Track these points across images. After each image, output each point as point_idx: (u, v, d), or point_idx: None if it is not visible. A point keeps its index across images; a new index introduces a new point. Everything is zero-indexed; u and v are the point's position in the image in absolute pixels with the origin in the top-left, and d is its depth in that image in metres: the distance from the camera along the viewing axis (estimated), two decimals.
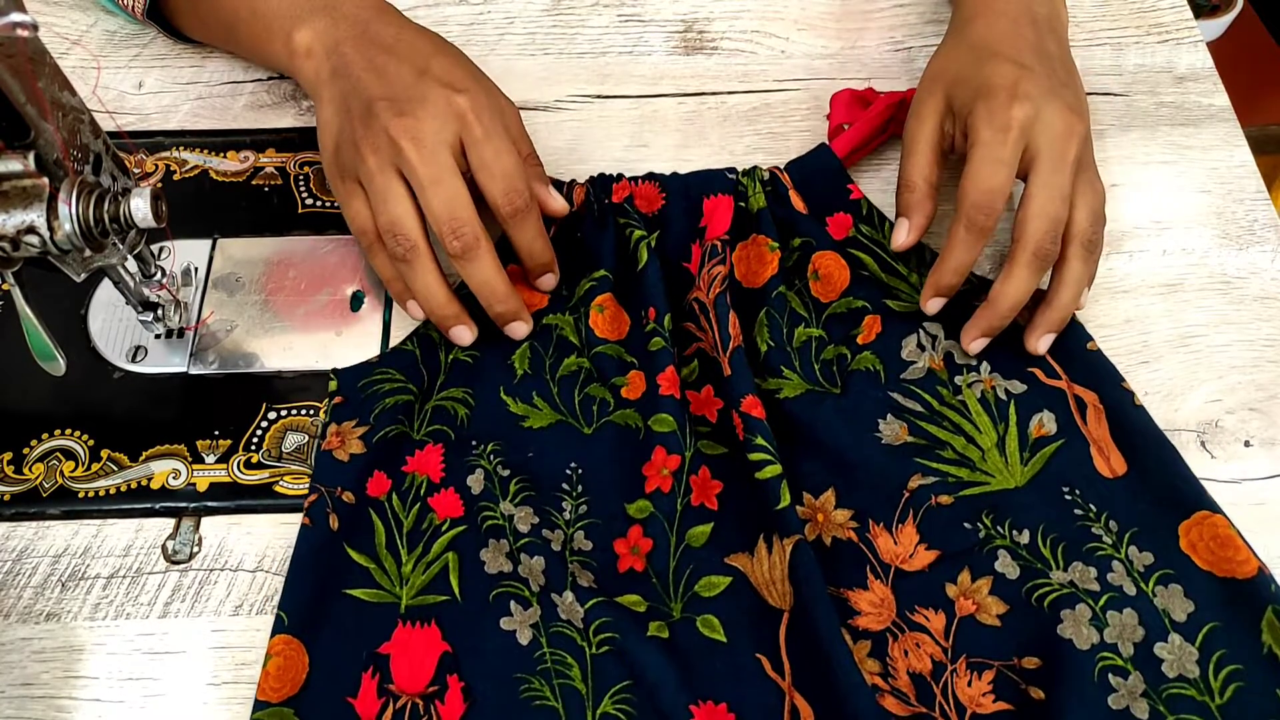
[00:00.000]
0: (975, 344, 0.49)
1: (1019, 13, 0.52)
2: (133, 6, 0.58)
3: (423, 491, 0.47)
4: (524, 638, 0.43)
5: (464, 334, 0.49)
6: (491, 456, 0.48)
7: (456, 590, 0.44)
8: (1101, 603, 0.44)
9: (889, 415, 0.49)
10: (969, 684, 0.42)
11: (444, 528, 0.46)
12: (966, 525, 0.46)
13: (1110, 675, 0.42)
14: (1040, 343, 0.49)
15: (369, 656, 0.43)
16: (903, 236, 0.50)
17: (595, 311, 0.50)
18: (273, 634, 0.43)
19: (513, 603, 0.44)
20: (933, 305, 0.49)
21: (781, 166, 0.55)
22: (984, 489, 0.47)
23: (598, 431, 0.49)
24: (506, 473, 0.47)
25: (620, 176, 0.54)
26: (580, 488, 0.47)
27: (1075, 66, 0.53)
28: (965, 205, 0.47)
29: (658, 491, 0.47)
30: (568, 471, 0.48)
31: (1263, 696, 0.41)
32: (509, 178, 0.46)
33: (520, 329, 0.50)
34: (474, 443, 0.48)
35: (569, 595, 0.44)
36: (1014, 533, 0.45)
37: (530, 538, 0.45)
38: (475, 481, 0.47)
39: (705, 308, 0.50)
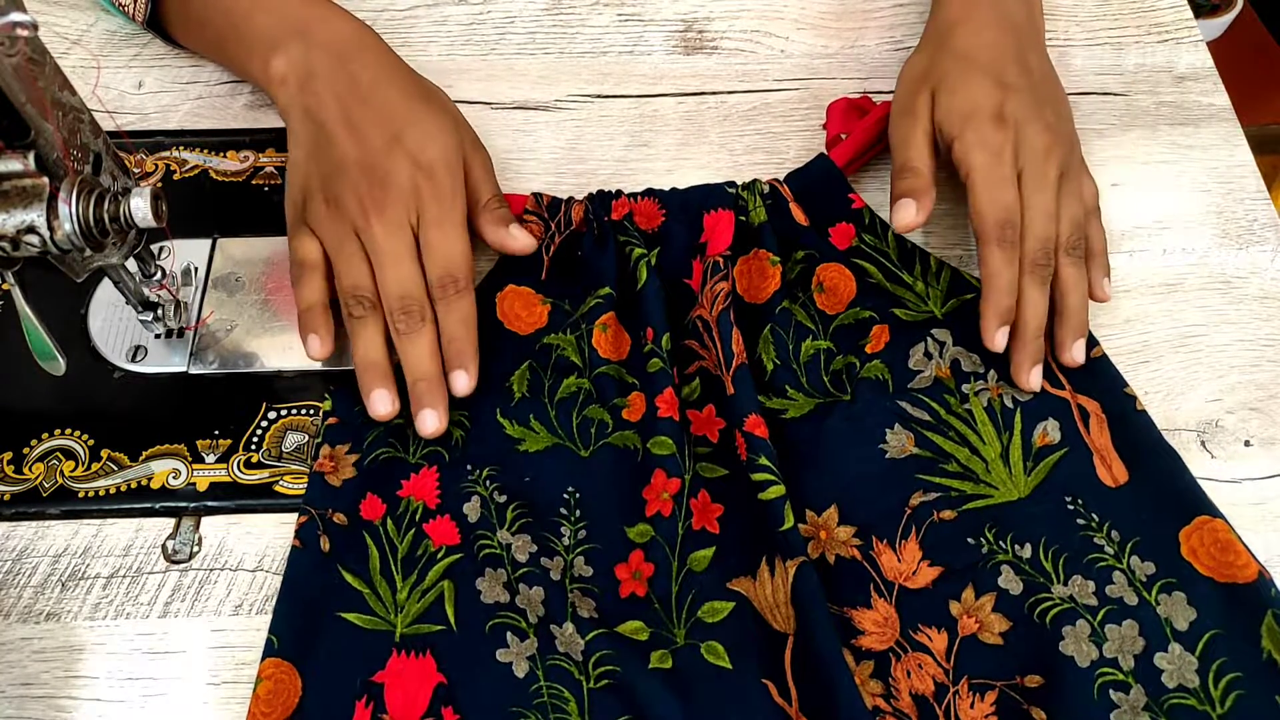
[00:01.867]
0: (1033, 377, 0.48)
1: (1001, 19, 0.52)
2: (133, 12, 0.58)
3: (418, 517, 0.46)
4: (520, 670, 0.43)
5: (384, 400, 0.47)
6: (488, 482, 0.47)
7: (452, 620, 0.44)
8: (1100, 617, 0.43)
9: (896, 425, 0.48)
10: (971, 705, 0.42)
11: (439, 555, 0.45)
12: (970, 540, 0.46)
13: (1111, 691, 0.42)
14: (1072, 353, 0.49)
15: (362, 684, 0.42)
16: (911, 215, 0.49)
17: (599, 330, 0.50)
18: (263, 657, 0.42)
19: (509, 634, 0.43)
20: (1000, 337, 0.48)
21: (781, 179, 0.54)
22: (987, 502, 0.46)
23: (595, 454, 0.48)
24: (503, 499, 0.47)
25: (620, 193, 0.54)
26: (578, 512, 0.47)
27: (1054, 74, 0.54)
28: (989, 227, 0.48)
29: (658, 516, 0.46)
30: (565, 496, 0.47)
31: (1263, 703, 0.41)
32: (449, 262, 0.47)
33: (430, 420, 0.47)
34: (469, 466, 0.47)
35: (569, 626, 0.44)
36: (1016, 547, 0.45)
37: (529, 567, 0.45)
38: (471, 509, 0.46)
39: (709, 325, 0.50)
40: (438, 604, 0.44)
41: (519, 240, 0.51)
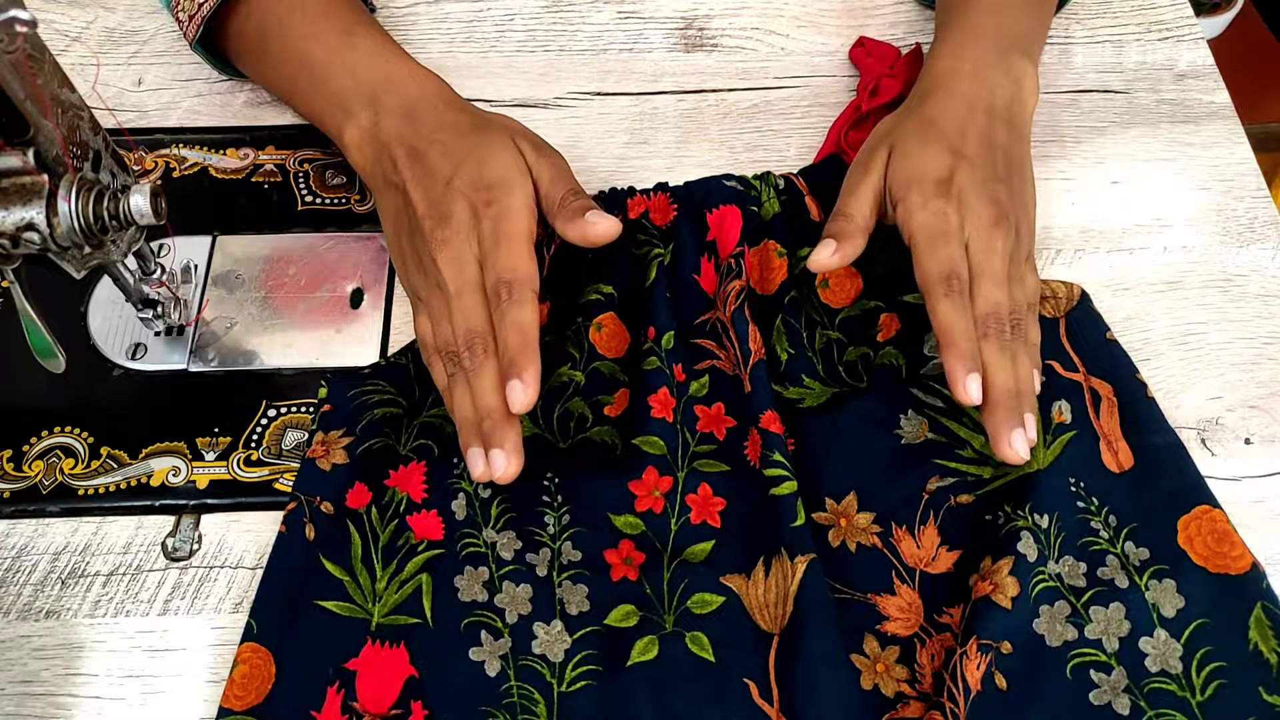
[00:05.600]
0: (1016, 444, 0.43)
1: (976, 97, 0.51)
2: (185, 29, 0.57)
3: (402, 509, 0.46)
4: (492, 669, 0.43)
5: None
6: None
7: (428, 614, 0.44)
8: (1086, 598, 0.44)
9: (910, 411, 0.49)
10: (978, 666, 0.42)
11: (420, 548, 0.45)
12: (987, 517, 0.46)
13: (1092, 671, 0.43)
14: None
15: (335, 671, 0.43)
16: (827, 254, 0.47)
17: (594, 329, 0.50)
18: (241, 641, 0.43)
19: (484, 633, 0.44)
20: (974, 384, 0.43)
21: (795, 173, 0.55)
22: (1006, 478, 0.47)
23: (572, 446, 0.49)
24: (488, 494, 0.47)
25: (633, 190, 0.54)
26: (560, 497, 0.47)
27: (1026, 156, 0.51)
28: (933, 280, 0.45)
29: (649, 512, 0.47)
30: (545, 483, 0.47)
31: (1244, 694, 0.42)
32: (502, 272, 0.45)
33: (499, 462, 0.43)
34: (456, 460, 0.47)
35: (557, 624, 0.44)
36: (1035, 516, 0.45)
37: (514, 565, 0.45)
38: (459, 507, 0.46)
39: (725, 327, 0.50)
40: (415, 597, 0.44)
41: (598, 226, 0.46)
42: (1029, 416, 0.44)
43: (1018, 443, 0.43)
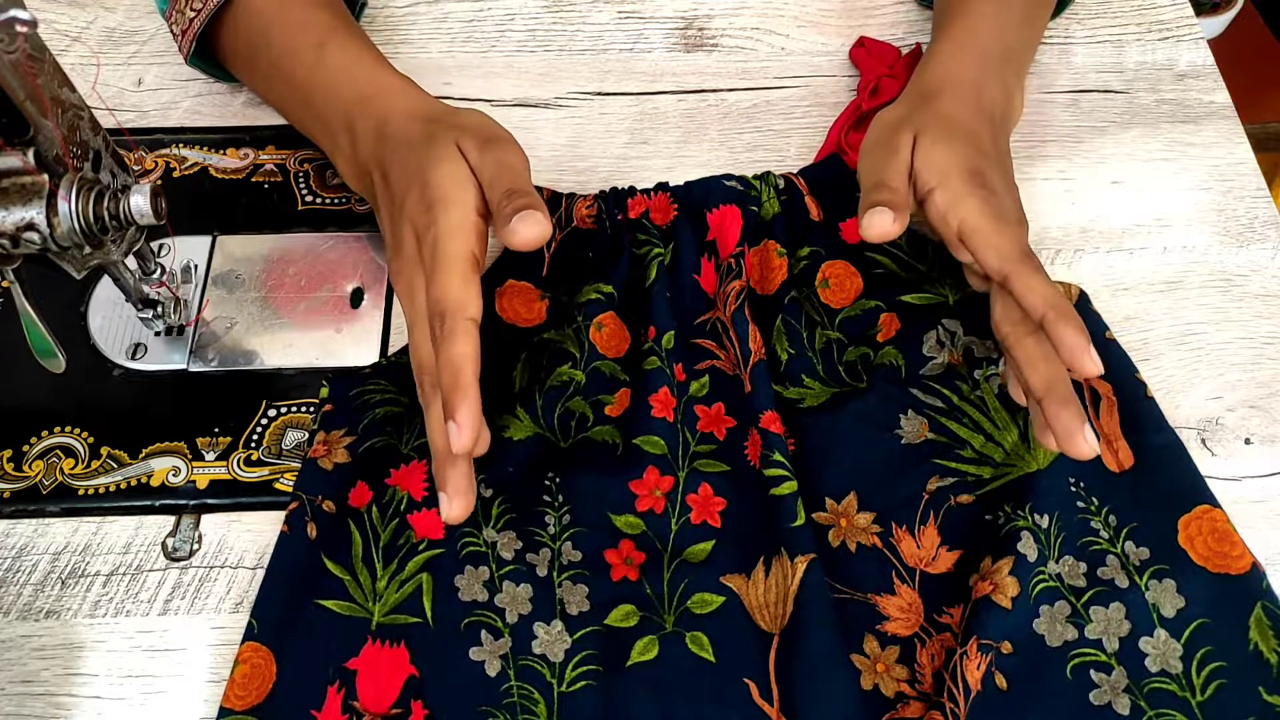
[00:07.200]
0: (1091, 439, 0.41)
1: (980, 104, 0.51)
2: (180, 44, 0.57)
3: (403, 507, 0.46)
4: (492, 669, 0.43)
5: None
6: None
7: (429, 614, 0.44)
8: (1086, 598, 0.44)
9: (909, 411, 0.49)
10: (978, 666, 0.42)
11: (420, 547, 0.45)
12: (987, 517, 0.46)
13: (1092, 671, 0.43)
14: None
15: (336, 671, 0.43)
16: (888, 221, 0.44)
17: (594, 329, 0.50)
18: (242, 640, 0.43)
19: (484, 632, 0.44)
20: (1092, 356, 0.41)
21: (795, 173, 0.55)
22: (1006, 479, 0.47)
23: (573, 446, 0.49)
24: (489, 493, 0.47)
25: (633, 190, 0.54)
26: (560, 497, 0.47)
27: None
28: (1019, 259, 0.43)
29: (650, 512, 0.47)
30: (546, 483, 0.47)
31: (1244, 694, 0.42)
32: (435, 304, 0.43)
33: (441, 506, 0.41)
34: None
35: (558, 624, 0.44)
36: (1035, 516, 0.45)
37: (514, 564, 0.45)
38: None
39: (725, 327, 0.50)
40: (415, 596, 0.44)
41: (518, 234, 0.42)
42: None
43: (1090, 436, 0.41)
